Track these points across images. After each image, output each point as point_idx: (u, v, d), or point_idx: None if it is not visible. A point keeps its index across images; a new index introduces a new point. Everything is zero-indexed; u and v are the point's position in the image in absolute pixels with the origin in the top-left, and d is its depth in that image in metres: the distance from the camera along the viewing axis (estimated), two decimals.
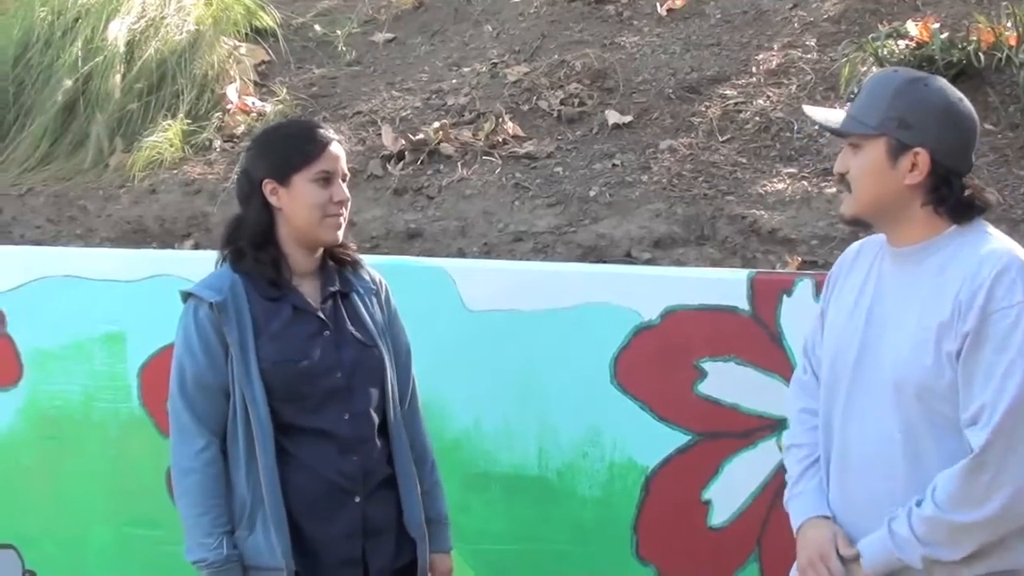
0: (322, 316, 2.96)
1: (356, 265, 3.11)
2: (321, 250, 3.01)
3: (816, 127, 3.05)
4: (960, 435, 2.42)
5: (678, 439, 3.65)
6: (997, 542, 2.43)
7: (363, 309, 3.04)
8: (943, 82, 2.58)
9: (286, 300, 2.94)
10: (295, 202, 2.91)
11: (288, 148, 2.95)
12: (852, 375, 2.59)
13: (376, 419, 3.01)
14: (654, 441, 3.67)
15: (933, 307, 2.45)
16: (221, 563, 2.83)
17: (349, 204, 3.01)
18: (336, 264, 3.06)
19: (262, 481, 2.85)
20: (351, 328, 2.99)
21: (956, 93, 2.55)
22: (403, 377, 3.12)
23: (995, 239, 2.51)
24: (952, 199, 2.49)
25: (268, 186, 2.93)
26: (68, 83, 5.82)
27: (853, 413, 2.59)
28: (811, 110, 2.79)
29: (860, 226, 2.68)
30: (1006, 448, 2.34)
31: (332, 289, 3.00)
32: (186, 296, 2.96)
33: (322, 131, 3.00)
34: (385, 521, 3.00)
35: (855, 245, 2.79)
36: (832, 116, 2.71)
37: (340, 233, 2.98)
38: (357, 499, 2.94)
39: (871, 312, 2.57)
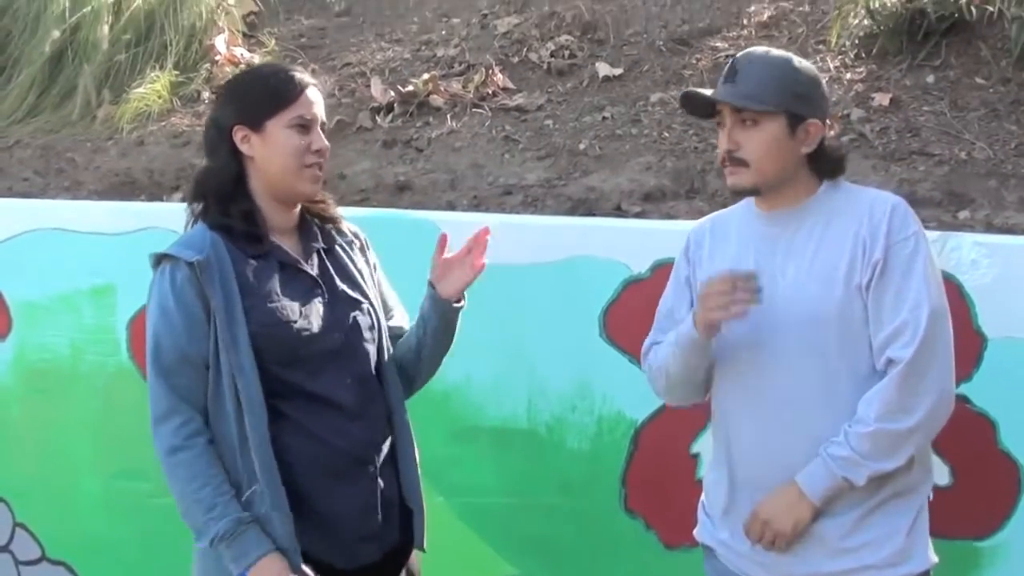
0: (311, 273, 2.71)
1: (336, 220, 2.86)
2: (299, 206, 2.76)
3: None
4: (869, 368, 2.62)
5: None
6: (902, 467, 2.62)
7: (350, 264, 2.81)
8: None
9: (271, 257, 2.66)
10: (269, 150, 2.64)
11: (262, 91, 2.66)
12: (756, 330, 2.71)
13: (377, 383, 2.80)
14: (643, 395, 3.63)
15: (832, 250, 2.65)
16: (233, 528, 2.52)
17: (328, 153, 2.73)
18: (315, 219, 2.81)
19: (254, 458, 2.54)
20: (342, 285, 2.75)
21: None
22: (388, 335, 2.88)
23: (865, 189, 2.80)
24: (828, 160, 2.75)
25: (239, 133, 2.64)
26: (56, 34, 5.78)
27: (765, 365, 2.72)
28: (693, 92, 2.78)
29: (752, 195, 2.79)
30: (930, 357, 2.56)
31: (315, 245, 2.76)
32: (158, 259, 2.62)
33: (299, 75, 2.70)
34: (392, 493, 2.76)
35: (703, 225, 2.97)
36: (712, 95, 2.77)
37: (318, 185, 2.73)
38: (371, 468, 2.70)
39: (759, 270, 2.70)
